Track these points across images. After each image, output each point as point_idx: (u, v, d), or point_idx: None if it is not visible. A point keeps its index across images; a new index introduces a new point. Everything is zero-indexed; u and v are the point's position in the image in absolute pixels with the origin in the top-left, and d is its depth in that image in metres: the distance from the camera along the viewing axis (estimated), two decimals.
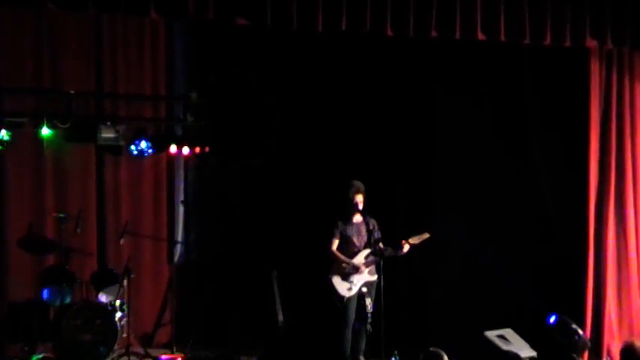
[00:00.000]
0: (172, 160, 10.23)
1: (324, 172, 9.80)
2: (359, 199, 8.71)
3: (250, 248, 10.00)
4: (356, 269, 8.55)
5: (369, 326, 8.46)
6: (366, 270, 8.75)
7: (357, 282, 8.67)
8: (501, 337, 8.59)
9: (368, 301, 8.47)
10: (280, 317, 9.58)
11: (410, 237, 8.68)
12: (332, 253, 8.76)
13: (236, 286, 9.94)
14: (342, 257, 8.64)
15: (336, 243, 8.76)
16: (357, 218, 8.81)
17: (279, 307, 9.58)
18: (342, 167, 9.60)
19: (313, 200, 9.75)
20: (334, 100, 9.97)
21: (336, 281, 8.69)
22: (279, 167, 10.13)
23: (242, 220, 10.07)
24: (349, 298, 8.63)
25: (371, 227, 8.74)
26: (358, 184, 8.75)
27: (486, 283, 9.57)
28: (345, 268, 8.65)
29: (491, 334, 8.58)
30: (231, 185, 10.14)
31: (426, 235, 8.74)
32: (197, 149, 10.08)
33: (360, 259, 8.77)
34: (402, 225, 9.61)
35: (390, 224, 9.19)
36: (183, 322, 9.88)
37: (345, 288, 8.67)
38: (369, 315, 8.43)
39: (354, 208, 8.72)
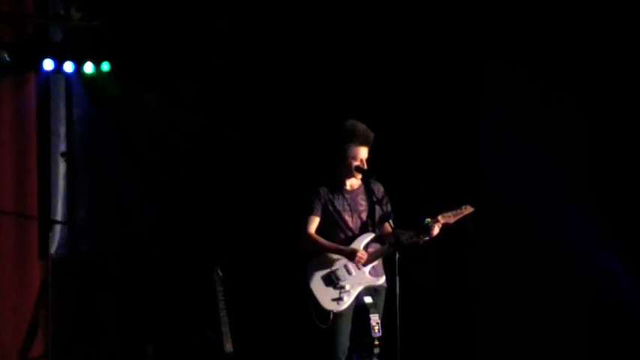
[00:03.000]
0: (47, 84, 8.75)
1: (304, 110, 8.71)
2: (362, 154, 7.22)
3: (179, 231, 8.73)
4: (351, 256, 7.12)
5: None
6: (368, 268, 7.20)
7: (351, 288, 7.16)
8: None
9: (374, 319, 7.05)
10: (228, 346, 8.10)
11: (442, 212, 7.19)
12: (309, 238, 7.23)
13: (156, 295, 8.63)
14: (326, 242, 7.15)
15: (315, 222, 7.23)
16: (353, 183, 7.32)
17: (226, 328, 8.11)
18: (331, 104, 8.50)
19: (282, 154, 8.72)
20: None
21: (317, 287, 7.16)
22: (226, 97, 8.76)
23: (166, 185, 8.75)
24: (339, 315, 7.10)
25: (378, 197, 7.28)
26: (361, 128, 7.25)
27: (567, 289, 8.48)
28: (331, 262, 7.18)
29: None
30: (147, 127, 8.75)
31: (468, 210, 7.22)
32: (88, 66, 8.63)
33: (357, 247, 7.27)
34: (429, 194, 8.29)
35: (408, 193, 8.04)
36: (68, 355, 8.60)
37: (330, 298, 7.15)
38: (377, 342, 7.00)
39: (348, 169, 7.20)
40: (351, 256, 7.25)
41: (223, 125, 8.87)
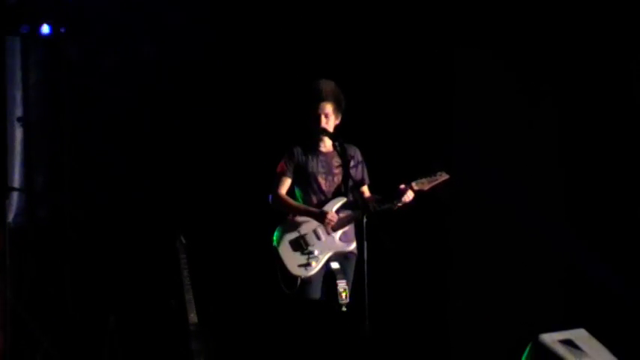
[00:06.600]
0: (2, 47, 8.56)
1: (271, 73, 8.49)
2: (326, 109, 7.24)
3: (141, 198, 8.59)
4: (321, 217, 7.16)
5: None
6: (338, 234, 7.22)
7: (320, 253, 7.21)
8: (568, 343, 6.95)
9: (341, 286, 7.10)
10: (192, 316, 8.04)
11: (415, 179, 7.27)
12: (278, 198, 7.31)
13: (117, 264, 8.53)
14: (294, 204, 7.28)
15: (286, 183, 7.31)
16: (327, 145, 7.37)
17: (190, 298, 8.04)
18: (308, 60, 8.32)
19: (249, 118, 8.49)
20: None
21: (285, 252, 7.22)
22: (190, 60, 8.52)
23: (127, 151, 8.61)
24: (307, 281, 7.16)
25: (352, 161, 7.35)
26: (325, 84, 7.32)
27: (541, 257, 8.47)
28: (300, 226, 7.25)
29: (551, 340, 6.99)
30: (109, 89, 8.50)
31: (443, 177, 7.32)
32: (45, 28, 8.48)
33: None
34: (406, 160, 8.36)
35: (386, 159, 8.02)
36: (26, 328, 8.35)
37: (297, 263, 7.21)
38: (344, 308, 7.07)
39: (317, 127, 7.26)
40: (321, 217, 7.21)
41: (187, 89, 8.65)
